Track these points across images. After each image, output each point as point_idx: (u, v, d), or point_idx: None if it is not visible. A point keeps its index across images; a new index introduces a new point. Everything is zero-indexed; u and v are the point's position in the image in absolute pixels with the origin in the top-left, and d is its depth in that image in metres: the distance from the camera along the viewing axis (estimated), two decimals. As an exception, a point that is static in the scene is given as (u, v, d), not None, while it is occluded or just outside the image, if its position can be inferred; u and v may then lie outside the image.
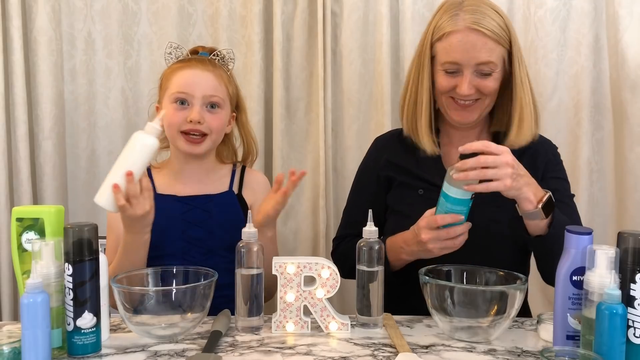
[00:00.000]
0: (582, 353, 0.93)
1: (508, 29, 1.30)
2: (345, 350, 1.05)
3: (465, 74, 1.29)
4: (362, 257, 1.16)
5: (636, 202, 1.88)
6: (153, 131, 1.16)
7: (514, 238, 1.32)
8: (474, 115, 1.34)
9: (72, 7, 1.94)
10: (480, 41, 1.27)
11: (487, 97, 1.32)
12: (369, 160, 1.50)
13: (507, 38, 1.30)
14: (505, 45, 1.30)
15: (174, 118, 1.36)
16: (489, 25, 1.27)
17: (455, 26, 1.28)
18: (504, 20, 1.30)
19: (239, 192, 1.46)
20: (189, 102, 1.37)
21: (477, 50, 1.27)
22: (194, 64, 1.40)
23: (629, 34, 1.87)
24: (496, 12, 1.30)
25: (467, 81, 1.28)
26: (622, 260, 0.95)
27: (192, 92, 1.36)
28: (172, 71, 1.40)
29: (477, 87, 1.30)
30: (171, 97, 1.38)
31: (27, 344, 0.93)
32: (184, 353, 1.03)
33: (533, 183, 1.18)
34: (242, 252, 1.13)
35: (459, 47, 1.27)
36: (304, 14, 1.94)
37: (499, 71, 1.31)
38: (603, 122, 1.92)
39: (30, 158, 1.90)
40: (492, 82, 1.30)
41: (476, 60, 1.27)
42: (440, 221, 1.18)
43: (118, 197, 1.14)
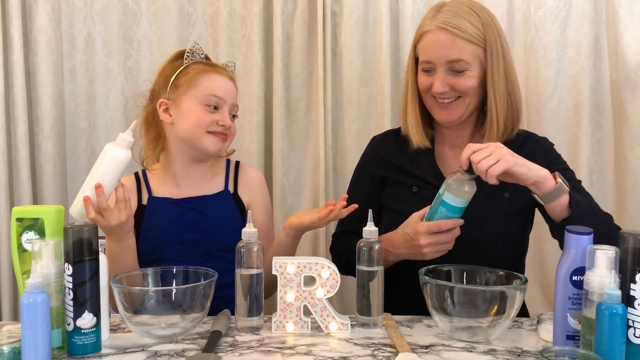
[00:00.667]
0: (582, 353, 0.93)
1: (484, 29, 1.31)
2: (345, 350, 1.05)
3: (439, 72, 1.32)
4: (362, 257, 1.16)
5: (636, 202, 1.88)
6: (124, 143, 1.18)
7: (509, 236, 1.33)
8: (454, 114, 1.36)
9: (72, 7, 1.94)
10: (448, 39, 1.30)
11: (467, 96, 1.34)
12: (365, 159, 1.53)
13: (482, 37, 1.31)
14: (479, 44, 1.31)
15: (205, 119, 1.37)
16: (459, 24, 1.30)
17: (429, 26, 1.33)
18: (480, 20, 1.31)
19: (235, 191, 1.46)
20: (219, 106, 1.39)
21: (446, 48, 1.30)
22: (220, 70, 1.43)
23: (629, 34, 1.87)
24: (473, 12, 1.32)
25: (439, 79, 1.32)
26: (622, 260, 0.95)
27: (225, 98, 1.39)
28: (200, 72, 1.39)
29: (452, 85, 1.32)
30: (202, 98, 1.38)
31: (27, 344, 0.93)
32: (184, 353, 1.03)
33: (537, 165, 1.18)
34: (242, 252, 1.13)
35: (431, 46, 1.33)
36: (304, 14, 1.94)
37: (474, 70, 1.32)
38: (603, 122, 1.92)
39: (30, 158, 1.90)
40: (467, 80, 1.32)
41: (446, 58, 1.31)
42: (444, 226, 1.19)
43: (88, 210, 1.17)
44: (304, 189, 1.99)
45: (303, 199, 1.99)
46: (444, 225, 1.19)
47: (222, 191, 1.45)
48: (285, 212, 1.97)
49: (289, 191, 1.98)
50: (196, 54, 1.43)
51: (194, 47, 1.43)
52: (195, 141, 1.39)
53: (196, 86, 1.38)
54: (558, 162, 1.39)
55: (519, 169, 1.14)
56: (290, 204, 1.98)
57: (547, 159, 1.38)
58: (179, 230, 1.39)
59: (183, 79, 1.40)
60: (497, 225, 1.32)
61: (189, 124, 1.38)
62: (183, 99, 1.39)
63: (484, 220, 1.31)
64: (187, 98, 1.38)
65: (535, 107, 1.93)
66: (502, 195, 1.33)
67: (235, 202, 1.44)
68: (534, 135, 1.45)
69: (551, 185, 1.16)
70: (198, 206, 1.41)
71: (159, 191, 1.44)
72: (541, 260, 1.95)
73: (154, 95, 1.45)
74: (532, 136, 1.44)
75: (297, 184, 1.99)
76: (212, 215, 1.41)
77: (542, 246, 1.93)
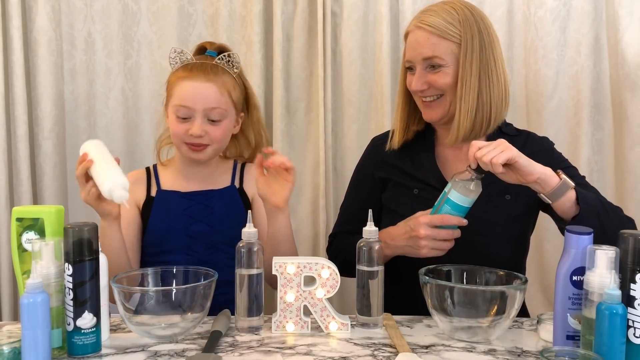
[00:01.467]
0: (582, 353, 0.93)
1: (460, 25, 1.31)
2: (345, 350, 1.05)
3: (417, 70, 1.35)
4: (362, 257, 1.16)
5: (636, 202, 1.87)
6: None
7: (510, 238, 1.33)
8: (437, 113, 1.36)
9: (72, 7, 1.94)
10: (423, 37, 1.32)
11: (447, 94, 1.34)
12: (365, 159, 1.53)
13: (457, 33, 1.31)
14: (454, 40, 1.31)
15: (177, 129, 1.38)
16: (432, 21, 1.31)
17: (410, 27, 1.37)
18: (458, 17, 1.32)
19: (240, 186, 1.48)
20: (190, 115, 1.37)
21: (421, 46, 1.33)
22: (196, 73, 1.38)
23: (629, 34, 1.87)
24: (453, 9, 1.33)
25: (416, 77, 1.34)
26: (622, 260, 0.95)
27: (193, 106, 1.36)
28: (176, 80, 1.40)
29: (429, 82, 1.34)
30: (173, 108, 1.38)
31: (27, 344, 0.93)
32: (184, 353, 1.03)
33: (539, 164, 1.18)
34: (242, 252, 1.13)
35: (410, 45, 1.36)
36: (304, 14, 1.94)
37: (450, 66, 1.32)
38: (603, 122, 1.92)
39: (30, 158, 1.90)
40: (443, 76, 1.32)
41: (421, 56, 1.33)
42: (446, 220, 1.19)
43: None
44: (304, 189, 1.99)
45: (303, 199, 1.99)
46: (447, 219, 1.19)
47: (229, 186, 1.47)
48: (285, 212, 1.97)
49: (289, 191, 1.98)
50: (178, 59, 1.42)
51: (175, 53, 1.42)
52: (178, 149, 1.43)
53: (172, 95, 1.40)
54: (560, 161, 1.39)
55: (522, 161, 1.14)
56: (291, 204, 1.96)
57: (549, 158, 1.38)
58: (185, 222, 1.41)
59: (168, 87, 1.43)
60: (498, 228, 1.32)
61: (171, 134, 1.42)
62: (168, 108, 1.42)
63: (485, 222, 1.30)
64: (169, 107, 1.41)
65: (535, 107, 1.93)
66: (504, 198, 1.33)
67: (241, 197, 1.46)
68: (534, 135, 1.45)
69: (555, 182, 1.16)
70: (205, 200, 1.43)
71: (168, 184, 1.46)
72: (541, 260, 1.95)
73: None
74: (533, 136, 1.44)
75: (297, 184, 1.97)
76: (218, 209, 1.43)
77: (542, 246, 1.93)
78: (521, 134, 1.43)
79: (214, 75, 1.39)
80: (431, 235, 1.20)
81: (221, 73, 1.40)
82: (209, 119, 1.38)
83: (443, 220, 1.19)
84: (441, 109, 1.35)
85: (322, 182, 1.93)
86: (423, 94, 1.35)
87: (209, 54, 1.45)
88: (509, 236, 1.33)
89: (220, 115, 1.38)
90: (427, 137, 1.44)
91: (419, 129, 1.45)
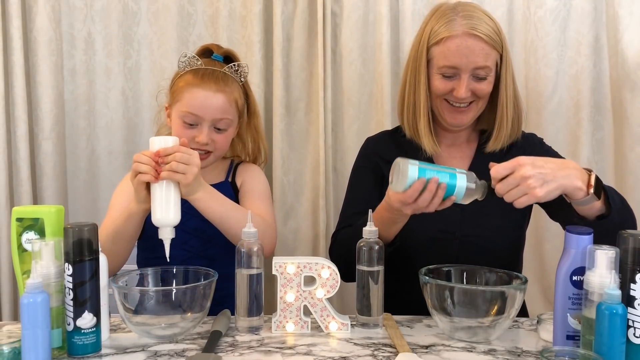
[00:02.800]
0: (582, 353, 0.93)
1: (500, 34, 1.33)
2: (345, 350, 1.05)
3: (463, 77, 1.31)
4: (362, 257, 1.16)
5: (636, 202, 1.87)
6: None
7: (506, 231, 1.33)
8: (467, 118, 1.36)
9: (72, 7, 1.94)
10: (478, 46, 1.29)
11: (481, 100, 1.35)
12: (362, 159, 1.51)
13: (500, 43, 1.33)
14: (499, 49, 1.32)
15: (182, 135, 1.36)
16: (485, 30, 1.29)
17: (453, 31, 1.30)
18: (497, 25, 1.33)
19: (233, 180, 1.49)
20: (197, 123, 1.38)
21: (475, 55, 1.29)
22: (207, 82, 1.38)
23: (629, 34, 1.87)
24: (489, 17, 1.33)
25: (464, 85, 1.31)
26: (622, 260, 0.95)
27: (202, 115, 1.37)
28: (186, 85, 1.38)
29: (473, 91, 1.33)
30: (180, 113, 1.38)
31: (27, 344, 0.93)
32: (184, 353, 1.03)
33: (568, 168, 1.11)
34: (242, 252, 1.13)
35: (458, 51, 1.30)
36: (304, 14, 1.94)
37: (492, 75, 1.33)
38: (603, 122, 1.92)
39: (30, 158, 1.90)
40: (487, 85, 1.33)
41: (474, 65, 1.30)
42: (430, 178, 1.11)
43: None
44: (304, 189, 1.99)
45: (303, 199, 1.99)
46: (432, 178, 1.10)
47: (222, 181, 1.48)
48: (286, 212, 1.97)
49: (289, 191, 1.98)
50: (192, 60, 1.41)
51: (185, 57, 1.41)
52: None
53: (179, 100, 1.39)
54: (551, 154, 1.40)
55: (548, 196, 1.09)
56: (290, 204, 1.98)
57: (539, 151, 1.39)
58: (181, 218, 1.39)
59: (175, 89, 1.42)
60: (494, 220, 1.33)
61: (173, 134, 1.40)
62: (173, 109, 1.41)
63: (482, 215, 1.31)
64: (174, 110, 1.40)
65: (535, 107, 1.93)
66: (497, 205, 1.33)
67: (233, 191, 1.47)
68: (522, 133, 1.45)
69: (581, 196, 1.12)
70: None
71: None
72: (541, 260, 1.95)
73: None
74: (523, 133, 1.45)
75: (297, 184, 1.99)
76: None
77: (542, 246, 1.93)
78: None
79: (224, 85, 1.39)
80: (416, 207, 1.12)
81: (230, 83, 1.41)
82: (215, 128, 1.39)
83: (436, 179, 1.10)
84: (472, 114, 1.36)
85: (322, 182, 1.93)
86: (462, 101, 1.33)
87: (215, 58, 1.44)
88: (505, 228, 1.34)
89: (226, 124, 1.40)
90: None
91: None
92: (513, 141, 1.40)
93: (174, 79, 1.44)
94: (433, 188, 1.09)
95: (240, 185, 1.48)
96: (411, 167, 1.10)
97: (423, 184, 1.09)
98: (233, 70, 1.43)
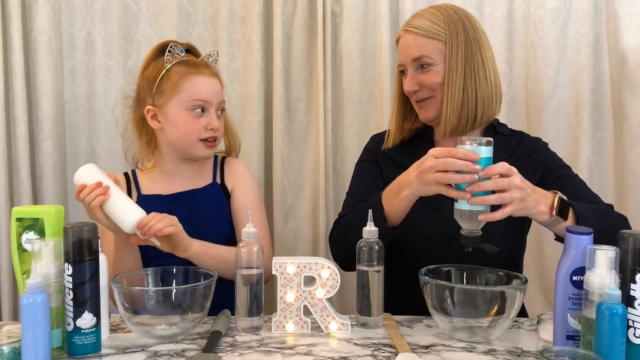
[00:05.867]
0: (582, 353, 0.93)
1: (445, 24, 1.34)
2: (345, 350, 1.05)
3: (408, 72, 1.39)
4: (362, 257, 1.16)
5: (636, 202, 1.87)
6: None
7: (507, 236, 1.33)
8: (430, 112, 1.38)
9: (72, 7, 1.94)
10: (410, 39, 1.37)
11: (437, 93, 1.36)
12: (367, 153, 1.52)
13: (442, 32, 1.34)
14: (440, 39, 1.34)
15: (194, 126, 1.37)
16: (418, 23, 1.36)
17: (400, 32, 1.41)
18: (442, 17, 1.35)
19: (222, 181, 1.47)
20: (206, 108, 1.38)
21: (409, 47, 1.37)
22: (202, 69, 1.40)
23: (629, 34, 1.87)
24: (437, 11, 1.37)
25: (408, 78, 1.38)
26: (622, 260, 0.95)
27: (210, 100, 1.38)
28: (183, 76, 1.38)
29: (420, 83, 1.37)
30: (188, 104, 1.37)
31: (27, 344, 0.93)
32: (184, 353, 1.03)
33: (540, 195, 1.14)
34: (242, 252, 1.13)
35: (400, 49, 1.41)
36: (304, 14, 1.94)
37: (440, 65, 1.35)
38: (603, 122, 1.92)
39: (30, 158, 1.90)
40: (432, 75, 1.35)
41: (410, 57, 1.36)
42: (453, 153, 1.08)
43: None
44: (304, 189, 1.99)
45: (303, 199, 1.99)
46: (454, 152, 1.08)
47: (211, 184, 1.46)
48: (286, 212, 1.97)
49: (289, 191, 1.98)
50: (176, 54, 1.40)
51: (173, 48, 1.40)
52: (186, 148, 1.41)
53: (180, 92, 1.37)
54: (554, 160, 1.41)
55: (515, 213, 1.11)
56: (290, 204, 1.98)
57: (544, 156, 1.40)
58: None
59: (166, 85, 1.39)
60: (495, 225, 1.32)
61: (179, 132, 1.38)
62: (169, 106, 1.38)
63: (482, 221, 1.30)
64: (173, 105, 1.38)
65: (535, 107, 1.93)
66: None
67: (224, 193, 1.46)
68: (528, 136, 1.46)
69: (546, 219, 1.15)
70: (189, 200, 1.42)
71: (148, 189, 1.45)
72: (541, 261, 1.95)
73: (140, 100, 1.45)
74: (527, 136, 1.46)
75: (297, 184, 1.99)
76: (203, 208, 1.42)
77: (542, 246, 1.93)
78: (515, 134, 1.45)
79: (213, 70, 1.43)
80: (435, 166, 1.09)
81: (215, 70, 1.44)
82: (218, 112, 1.41)
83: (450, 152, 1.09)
84: (434, 108, 1.38)
85: (322, 182, 1.93)
86: (416, 95, 1.39)
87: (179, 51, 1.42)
88: (506, 234, 1.34)
89: (224, 107, 1.44)
90: (425, 135, 1.45)
91: (417, 126, 1.46)
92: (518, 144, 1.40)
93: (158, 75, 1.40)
94: (473, 166, 1.06)
95: (231, 190, 1.46)
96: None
97: (474, 158, 1.06)
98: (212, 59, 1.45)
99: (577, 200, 1.22)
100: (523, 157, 1.38)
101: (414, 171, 1.16)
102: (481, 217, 1.09)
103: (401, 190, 1.20)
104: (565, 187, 1.30)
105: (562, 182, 1.34)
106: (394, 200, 1.21)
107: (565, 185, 1.32)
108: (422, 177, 1.12)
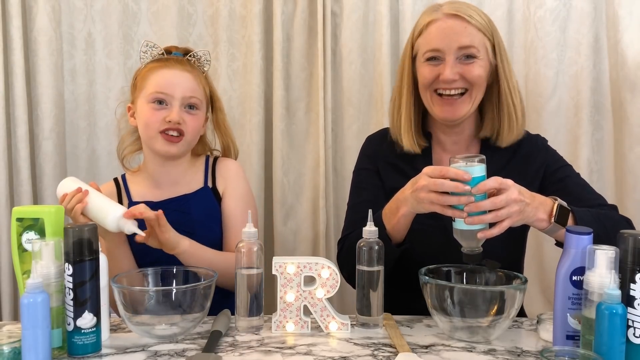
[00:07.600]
0: (582, 353, 0.93)
1: (490, 23, 1.31)
2: (345, 350, 1.05)
3: (448, 59, 1.27)
4: (362, 257, 1.16)
5: (636, 202, 1.88)
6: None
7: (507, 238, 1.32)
8: (460, 111, 1.30)
9: (72, 7, 1.94)
10: (459, 25, 1.27)
11: (474, 89, 1.29)
12: (364, 160, 1.48)
13: (490, 29, 1.30)
14: (487, 35, 1.29)
15: (152, 118, 1.35)
16: (469, 12, 1.28)
17: (436, 15, 1.29)
18: (487, 16, 1.31)
19: (213, 185, 1.45)
20: (167, 102, 1.35)
21: (457, 33, 1.26)
22: (172, 64, 1.38)
23: (629, 34, 1.87)
24: (476, 7, 1.32)
25: (449, 66, 1.27)
26: (622, 260, 0.95)
27: (171, 93, 1.35)
28: (150, 70, 1.38)
29: (461, 74, 1.28)
30: (149, 97, 1.35)
31: (27, 344, 0.93)
32: (184, 353, 1.03)
33: (539, 202, 1.14)
34: (242, 252, 1.13)
35: (439, 33, 1.28)
36: (304, 14, 1.94)
37: (483, 58, 1.29)
38: (603, 122, 1.92)
39: (30, 158, 1.90)
40: (477, 68, 1.28)
41: (457, 44, 1.26)
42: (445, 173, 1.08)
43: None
44: (304, 189, 1.99)
45: (303, 199, 1.99)
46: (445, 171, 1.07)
47: (202, 188, 1.44)
48: (286, 212, 1.97)
49: (289, 191, 1.98)
50: (149, 52, 1.40)
51: (147, 47, 1.40)
52: (149, 143, 1.39)
53: (145, 86, 1.37)
54: (555, 160, 1.39)
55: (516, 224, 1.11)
56: (290, 204, 1.98)
57: (545, 156, 1.38)
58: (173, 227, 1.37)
59: (137, 80, 1.40)
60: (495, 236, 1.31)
61: (141, 125, 1.38)
62: (138, 101, 1.39)
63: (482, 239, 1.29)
64: (140, 99, 1.38)
65: (535, 107, 1.93)
66: None
67: (215, 197, 1.43)
68: (528, 135, 1.42)
69: (544, 227, 1.15)
70: (180, 206, 1.40)
71: (139, 195, 1.43)
72: (541, 261, 1.95)
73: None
74: (527, 136, 1.41)
75: (297, 184, 1.99)
76: (195, 213, 1.40)
77: (542, 246, 1.93)
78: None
79: (190, 67, 1.40)
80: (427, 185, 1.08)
81: (194, 68, 1.41)
82: (186, 108, 1.37)
83: (442, 172, 1.08)
84: (465, 107, 1.30)
85: (322, 182, 1.93)
86: (449, 86, 1.28)
87: (175, 54, 1.43)
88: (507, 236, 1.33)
89: (196, 104, 1.38)
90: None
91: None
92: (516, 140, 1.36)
93: (136, 74, 1.42)
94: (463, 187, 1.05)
95: (222, 193, 1.44)
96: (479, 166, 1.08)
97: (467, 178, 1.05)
98: (195, 59, 1.43)
99: (580, 202, 1.21)
100: (523, 161, 1.36)
101: (409, 188, 1.15)
102: (480, 235, 1.09)
103: (399, 208, 1.20)
104: (568, 189, 1.29)
105: (564, 184, 1.33)
106: (393, 219, 1.21)
107: (568, 187, 1.31)
108: (416, 196, 1.12)
